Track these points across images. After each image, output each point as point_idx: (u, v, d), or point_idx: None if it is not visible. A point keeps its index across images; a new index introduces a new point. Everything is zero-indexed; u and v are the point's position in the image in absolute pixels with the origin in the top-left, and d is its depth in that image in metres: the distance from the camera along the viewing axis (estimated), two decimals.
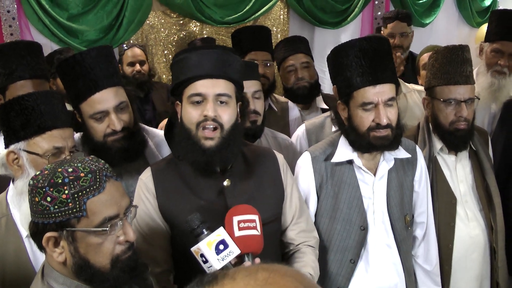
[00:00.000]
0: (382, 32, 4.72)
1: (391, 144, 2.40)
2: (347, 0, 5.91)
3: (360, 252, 2.49)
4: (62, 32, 4.61)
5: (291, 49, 3.74)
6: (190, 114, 2.06)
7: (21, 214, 2.09)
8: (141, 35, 5.14)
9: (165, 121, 3.72)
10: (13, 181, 2.18)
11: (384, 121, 2.32)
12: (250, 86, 2.81)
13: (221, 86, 2.05)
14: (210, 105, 2.02)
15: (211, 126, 2.04)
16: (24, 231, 2.11)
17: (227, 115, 2.06)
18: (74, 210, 1.53)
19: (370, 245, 2.50)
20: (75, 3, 4.64)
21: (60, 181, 1.53)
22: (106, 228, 1.57)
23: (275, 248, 2.27)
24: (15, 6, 4.55)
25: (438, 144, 2.84)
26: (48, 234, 1.55)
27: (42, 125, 2.09)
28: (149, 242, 2.12)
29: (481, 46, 3.66)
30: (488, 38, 3.63)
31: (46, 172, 1.58)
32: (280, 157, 2.33)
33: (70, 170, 1.56)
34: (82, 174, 1.55)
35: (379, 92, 2.32)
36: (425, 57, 3.95)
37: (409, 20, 4.62)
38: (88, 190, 1.55)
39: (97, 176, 1.58)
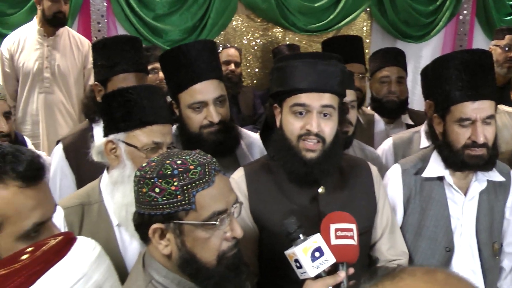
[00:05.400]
0: (490, 48, 4.37)
1: (486, 164, 2.28)
2: (432, 13, 5.82)
3: None
4: (147, 31, 4.75)
5: (389, 60, 3.63)
6: (292, 125, 2.01)
7: (114, 203, 2.10)
8: (223, 37, 5.18)
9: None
10: (107, 169, 2.20)
11: (481, 139, 2.20)
12: (347, 96, 2.74)
13: (326, 98, 1.99)
14: (314, 119, 1.97)
15: (314, 140, 1.99)
16: (115, 220, 2.12)
17: (330, 129, 2.01)
18: (183, 202, 1.50)
19: (454, 268, 2.36)
20: (162, 4, 4.76)
21: (169, 172, 1.50)
22: (216, 222, 1.53)
23: (364, 261, 2.21)
24: (105, 4, 4.74)
25: None
26: (155, 226, 1.53)
27: (144, 119, 2.08)
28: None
29: None
30: None
31: (153, 163, 1.56)
32: (374, 169, 2.26)
33: (179, 162, 1.53)
34: (191, 167, 1.52)
35: (478, 109, 2.21)
36: None
37: None
38: (197, 182, 1.51)
39: (206, 170, 1.54)
